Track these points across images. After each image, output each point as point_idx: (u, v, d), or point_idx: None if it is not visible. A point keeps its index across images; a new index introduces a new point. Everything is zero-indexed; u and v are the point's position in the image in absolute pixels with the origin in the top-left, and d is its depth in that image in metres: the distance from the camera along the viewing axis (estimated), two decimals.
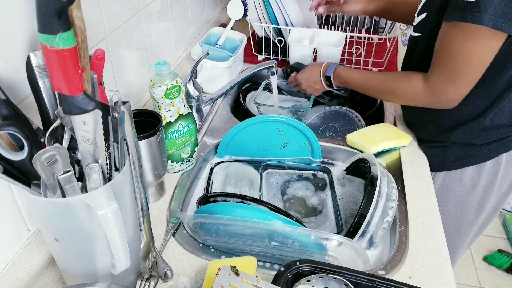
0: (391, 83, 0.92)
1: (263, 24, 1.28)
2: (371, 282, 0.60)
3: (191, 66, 1.01)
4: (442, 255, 0.73)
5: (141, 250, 0.64)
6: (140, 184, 0.58)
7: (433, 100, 0.85)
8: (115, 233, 0.50)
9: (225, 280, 0.54)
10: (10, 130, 0.46)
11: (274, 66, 1.08)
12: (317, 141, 0.93)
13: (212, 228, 0.72)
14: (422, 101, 0.87)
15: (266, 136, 0.93)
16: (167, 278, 0.66)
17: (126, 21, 0.91)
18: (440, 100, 0.85)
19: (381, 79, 0.95)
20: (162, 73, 0.78)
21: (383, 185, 0.76)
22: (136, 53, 0.99)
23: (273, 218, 0.69)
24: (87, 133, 0.49)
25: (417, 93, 0.87)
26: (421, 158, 0.95)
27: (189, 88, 1.02)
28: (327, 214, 0.86)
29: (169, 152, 0.84)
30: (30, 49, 0.57)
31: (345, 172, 0.94)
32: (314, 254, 0.69)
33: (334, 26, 1.52)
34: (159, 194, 0.83)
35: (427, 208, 0.82)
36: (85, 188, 0.53)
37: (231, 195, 0.78)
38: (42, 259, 0.68)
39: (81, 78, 0.46)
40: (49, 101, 0.52)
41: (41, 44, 0.43)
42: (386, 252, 0.75)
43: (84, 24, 0.45)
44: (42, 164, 0.45)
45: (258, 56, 1.36)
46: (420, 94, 0.86)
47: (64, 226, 0.52)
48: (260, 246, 0.71)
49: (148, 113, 0.77)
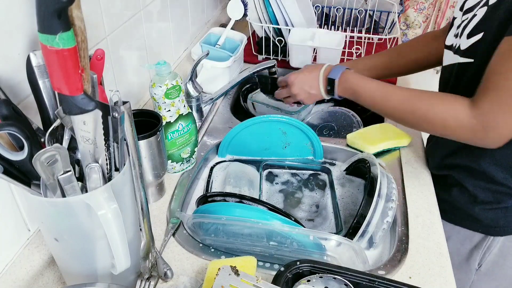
0: (423, 104, 0.72)
1: (263, 24, 1.28)
2: (371, 282, 0.60)
3: (191, 66, 1.01)
4: (442, 255, 0.73)
5: (141, 250, 0.64)
6: (140, 184, 0.58)
7: (479, 133, 0.67)
8: (115, 233, 0.50)
9: (225, 280, 0.54)
10: (10, 130, 0.46)
11: (274, 66, 1.08)
12: (319, 142, 0.93)
13: (211, 228, 0.72)
14: (464, 133, 0.69)
15: (268, 136, 0.93)
16: (167, 278, 0.66)
17: (126, 21, 0.91)
18: (487, 135, 0.67)
19: (407, 96, 0.74)
20: (162, 73, 0.78)
21: (383, 185, 0.76)
22: (136, 53, 0.99)
23: (272, 218, 0.69)
24: (87, 133, 0.49)
25: (460, 123, 0.68)
26: (421, 158, 0.95)
27: (189, 88, 1.02)
28: (326, 214, 0.86)
29: (169, 152, 0.84)
30: (30, 49, 0.57)
31: (345, 172, 0.94)
32: (312, 254, 0.69)
33: (334, 26, 1.53)
34: (159, 194, 0.83)
35: (427, 208, 0.82)
36: (85, 188, 0.53)
37: (230, 195, 0.78)
38: (42, 259, 0.68)
39: (81, 78, 0.46)
40: (49, 101, 0.52)
41: (41, 44, 0.43)
42: (386, 252, 0.75)
43: (84, 24, 0.45)
44: (42, 164, 0.45)
45: (258, 56, 1.36)
46: (464, 124, 0.67)
47: (64, 226, 0.52)
48: (259, 246, 0.71)
49: (148, 113, 0.77)
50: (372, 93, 0.78)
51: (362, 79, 0.81)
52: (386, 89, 0.77)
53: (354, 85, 0.81)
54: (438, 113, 0.70)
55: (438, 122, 0.71)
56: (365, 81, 0.80)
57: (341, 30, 1.49)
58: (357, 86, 0.81)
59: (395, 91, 0.76)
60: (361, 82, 0.81)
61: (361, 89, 0.80)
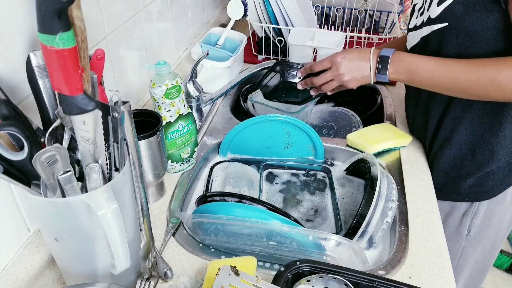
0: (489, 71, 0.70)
1: (263, 24, 1.28)
2: (371, 282, 0.60)
3: (191, 66, 1.01)
4: (442, 255, 0.73)
5: (141, 250, 0.64)
6: (140, 184, 0.58)
7: None
8: (115, 233, 0.50)
9: (225, 280, 0.54)
10: (10, 130, 0.46)
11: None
12: (321, 145, 0.93)
13: (210, 227, 0.72)
14: None
15: (272, 135, 0.93)
16: (167, 278, 0.66)
17: (126, 21, 0.91)
18: None
19: (470, 64, 0.73)
20: (162, 73, 0.78)
21: (383, 186, 0.76)
22: (136, 53, 0.99)
23: (271, 218, 0.69)
24: (87, 133, 0.49)
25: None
26: (421, 158, 0.95)
27: (189, 88, 1.02)
28: (326, 214, 0.86)
29: (169, 152, 0.84)
30: (30, 49, 0.57)
31: (345, 172, 0.94)
32: (312, 254, 0.69)
33: (334, 26, 1.53)
34: (159, 194, 0.83)
35: (427, 208, 0.82)
36: (85, 188, 0.53)
37: (229, 195, 0.78)
38: (42, 259, 0.68)
39: (81, 78, 0.46)
40: (49, 101, 0.52)
41: (41, 44, 0.43)
42: (386, 252, 0.75)
43: (84, 24, 0.45)
44: (42, 164, 0.45)
45: (258, 56, 1.36)
46: None
47: (64, 226, 0.52)
48: (258, 245, 0.71)
49: (148, 113, 0.77)
50: (429, 67, 0.76)
51: (416, 56, 0.79)
52: (445, 62, 0.76)
53: (408, 63, 0.79)
54: (508, 77, 0.68)
55: (507, 87, 0.69)
56: (419, 57, 0.78)
57: (341, 30, 1.49)
58: (412, 63, 0.79)
59: (456, 62, 0.75)
60: (416, 58, 0.79)
61: (417, 66, 0.78)
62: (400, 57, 0.81)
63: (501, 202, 0.92)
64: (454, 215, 0.96)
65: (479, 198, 0.91)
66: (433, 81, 0.77)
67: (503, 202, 0.92)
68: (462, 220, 0.96)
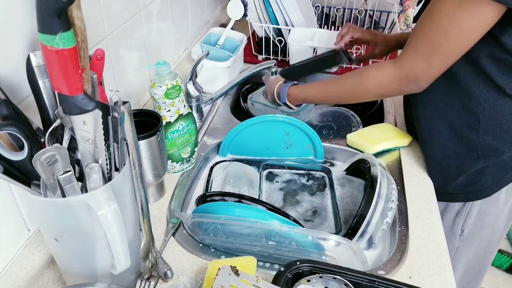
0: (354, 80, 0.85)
1: (263, 24, 1.28)
2: (371, 282, 0.60)
3: (191, 66, 1.01)
4: (442, 255, 0.73)
5: (141, 250, 0.64)
6: (140, 184, 0.58)
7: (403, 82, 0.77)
8: (115, 233, 0.50)
9: (225, 280, 0.54)
10: (10, 130, 0.46)
11: (274, 66, 1.08)
12: (321, 145, 0.93)
13: (210, 227, 0.72)
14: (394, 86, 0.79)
15: (271, 136, 0.93)
16: (167, 278, 0.66)
17: (126, 21, 0.91)
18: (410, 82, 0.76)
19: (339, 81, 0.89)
20: (162, 73, 0.78)
21: (383, 186, 0.76)
22: (136, 53, 0.99)
23: (271, 218, 0.69)
24: (87, 133, 0.49)
25: (388, 77, 0.78)
26: (421, 158, 0.95)
27: (189, 88, 1.02)
28: (326, 214, 0.86)
29: (169, 152, 0.84)
30: (30, 49, 0.57)
31: (345, 173, 0.94)
32: (311, 254, 0.69)
33: (334, 26, 1.53)
34: (159, 194, 0.83)
35: (427, 208, 0.82)
36: (85, 188, 0.53)
37: (229, 195, 0.78)
38: (42, 259, 0.68)
39: (81, 78, 0.46)
40: (49, 101, 0.52)
41: (41, 44, 0.43)
42: (386, 252, 0.75)
43: (84, 24, 0.45)
44: (42, 164, 0.45)
45: (258, 56, 1.36)
46: (391, 78, 0.78)
47: (64, 226, 0.52)
48: (257, 245, 0.71)
49: (148, 113, 0.77)
50: (314, 94, 0.96)
51: (304, 88, 0.98)
52: (324, 85, 0.94)
53: (300, 97, 0.99)
54: (371, 78, 0.81)
55: (373, 86, 0.82)
56: (306, 89, 0.98)
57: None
58: (302, 96, 0.98)
59: (329, 84, 0.93)
60: (303, 92, 0.97)
61: (306, 96, 0.97)
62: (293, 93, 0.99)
63: (494, 202, 0.92)
64: (447, 215, 0.96)
65: (472, 198, 0.91)
66: (322, 100, 1.00)
67: (497, 202, 0.92)
68: (455, 220, 0.96)
